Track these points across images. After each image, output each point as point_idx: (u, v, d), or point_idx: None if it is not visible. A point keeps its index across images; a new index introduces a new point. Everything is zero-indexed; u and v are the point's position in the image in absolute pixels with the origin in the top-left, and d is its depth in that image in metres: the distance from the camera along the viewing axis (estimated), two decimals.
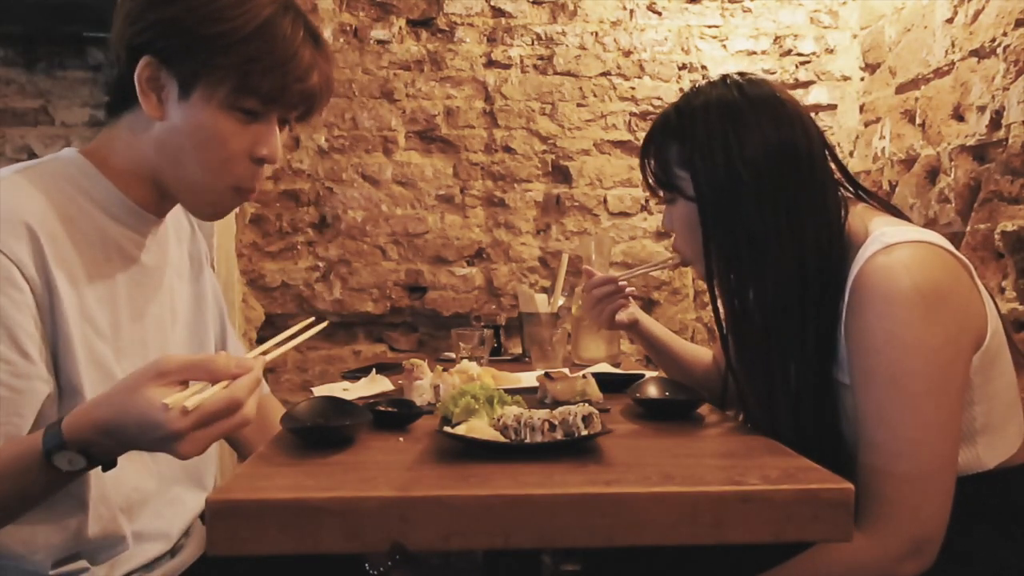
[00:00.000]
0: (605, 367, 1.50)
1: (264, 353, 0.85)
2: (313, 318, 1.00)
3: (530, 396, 1.13)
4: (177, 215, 1.12)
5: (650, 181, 1.14)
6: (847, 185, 1.09)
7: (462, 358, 1.47)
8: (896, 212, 1.08)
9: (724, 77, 1.09)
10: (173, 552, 1.03)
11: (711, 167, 1.02)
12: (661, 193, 1.14)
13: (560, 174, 2.41)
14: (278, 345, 0.89)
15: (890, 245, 0.94)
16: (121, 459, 0.82)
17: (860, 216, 1.03)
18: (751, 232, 1.01)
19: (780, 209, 1.00)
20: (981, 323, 0.97)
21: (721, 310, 1.10)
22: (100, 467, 0.79)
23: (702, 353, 1.46)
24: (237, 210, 2.30)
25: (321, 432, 0.92)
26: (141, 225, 0.98)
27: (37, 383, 0.83)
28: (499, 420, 0.88)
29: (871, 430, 0.94)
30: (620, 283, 1.35)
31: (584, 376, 1.14)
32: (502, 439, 0.85)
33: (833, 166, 1.07)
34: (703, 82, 1.10)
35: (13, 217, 0.83)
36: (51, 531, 0.87)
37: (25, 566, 0.87)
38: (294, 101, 0.94)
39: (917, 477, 0.91)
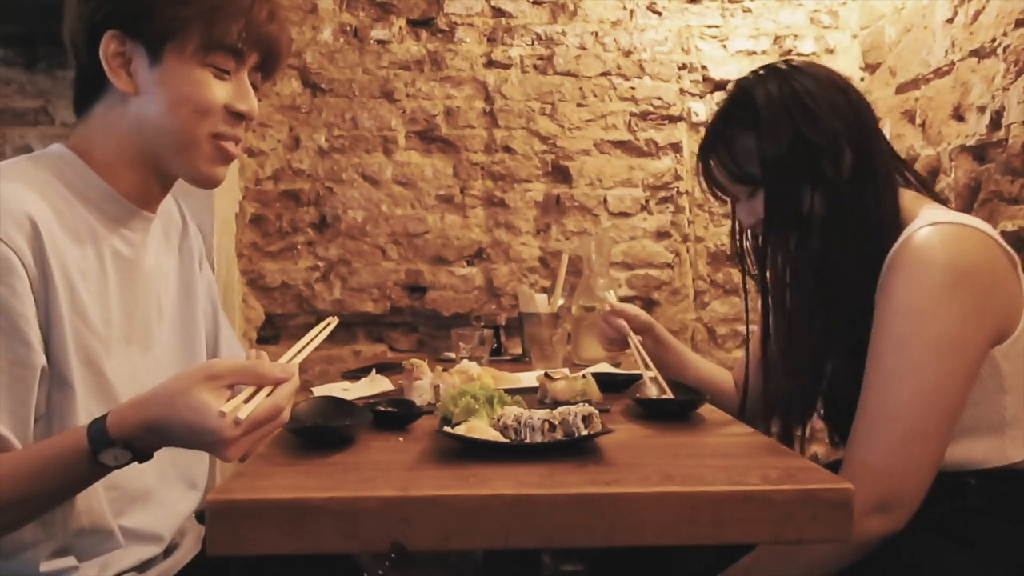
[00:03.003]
0: (605, 367, 1.50)
1: (292, 359, 0.88)
2: (329, 319, 1.02)
3: (530, 396, 1.13)
4: (169, 210, 1.11)
5: (721, 181, 1.12)
6: (902, 171, 1.11)
7: (462, 358, 1.47)
8: (945, 202, 1.11)
9: (778, 66, 1.10)
10: (167, 552, 1.02)
11: (778, 153, 1.03)
12: (733, 189, 1.12)
13: (560, 174, 2.41)
14: (301, 350, 0.92)
15: (935, 223, 0.97)
16: None
17: (912, 202, 1.05)
18: (814, 216, 1.04)
19: (842, 193, 1.03)
20: (1014, 312, 0.97)
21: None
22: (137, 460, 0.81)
23: (720, 373, 1.41)
24: (237, 210, 2.30)
25: (321, 432, 0.92)
26: (131, 221, 0.98)
27: (39, 372, 0.84)
28: (499, 420, 0.88)
29: (868, 390, 0.96)
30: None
31: (584, 376, 1.14)
32: (502, 439, 0.85)
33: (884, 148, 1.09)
34: (753, 71, 1.11)
35: (14, 207, 0.84)
36: (36, 524, 0.86)
37: (14, 564, 0.86)
38: (259, 49, 0.96)
39: (899, 438, 0.92)
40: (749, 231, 1.17)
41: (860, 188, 1.04)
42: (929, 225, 0.96)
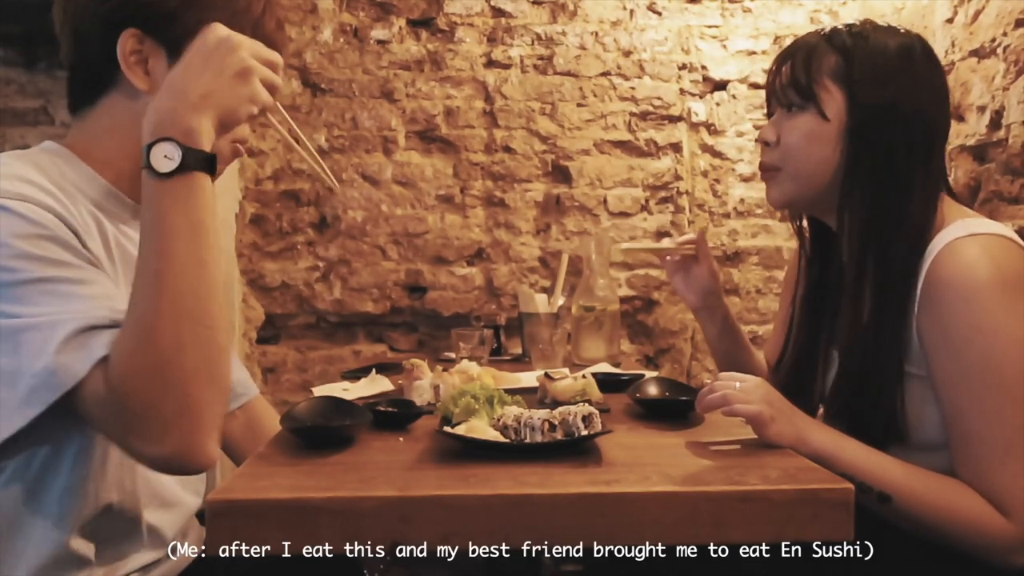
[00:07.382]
0: (605, 367, 1.50)
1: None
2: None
3: (530, 396, 1.13)
4: None
5: (781, 82, 1.10)
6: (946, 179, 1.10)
7: (462, 358, 1.47)
8: (967, 205, 1.08)
9: (908, 31, 1.09)
10: (170, 552, 1.03)
11: (880, 94, 1.02)
12: (788, 97, 1.09)
13: (560, 174, 2.41)
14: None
15: (973, 235, 0.95)
16: (111, 452, 0.86)
17: (946, 206, 1.03)
18: (897, 175, 1.01)
19: (929, 158, 1.02)
20: None
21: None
22: (208, 172, 0.82)
23: (758, 356, 1.42)
24: (237, 210, 2.30)
25: (321, 432, 0.92)
26: (127, 215, 0.97)
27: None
28: (499, 420, 0.88)
29: (974, 423, 0.93)
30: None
31: (584, 376, 1.14)
32: (502, 439, 0.85)
33: None
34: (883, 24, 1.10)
35: (33, 183, 0.84)
36: (63, 494, 0.85)
37: (35, 537, 0.84)
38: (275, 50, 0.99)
39: None
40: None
41: (938, 160, 1.04)
42: (964, 237, 0.95)
